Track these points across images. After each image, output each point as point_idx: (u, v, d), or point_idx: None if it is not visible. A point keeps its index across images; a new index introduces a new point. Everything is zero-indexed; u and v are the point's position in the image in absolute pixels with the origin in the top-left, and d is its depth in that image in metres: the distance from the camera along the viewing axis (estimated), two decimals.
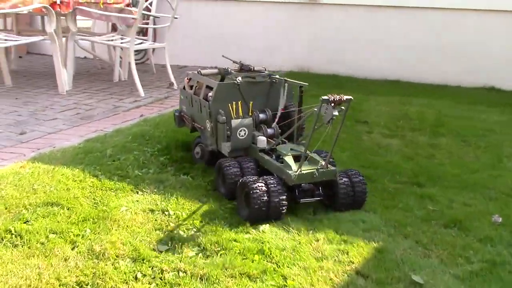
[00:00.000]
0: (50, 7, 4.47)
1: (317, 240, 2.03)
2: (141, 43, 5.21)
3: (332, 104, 1.93)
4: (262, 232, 2.07)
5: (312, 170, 2.18)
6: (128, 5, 5.18)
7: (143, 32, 6.30)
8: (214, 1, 6.60)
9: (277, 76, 2.64)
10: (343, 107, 1.99)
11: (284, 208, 2.13)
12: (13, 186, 2.29)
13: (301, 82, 2.46)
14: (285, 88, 2.59)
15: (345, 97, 1.95)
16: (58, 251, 1.78)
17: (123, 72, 5.52)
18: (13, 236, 1.87)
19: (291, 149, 2.34)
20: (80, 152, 2.84)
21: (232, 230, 2.06)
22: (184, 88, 2.84)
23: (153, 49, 6.51)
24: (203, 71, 2.76)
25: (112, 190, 2.36)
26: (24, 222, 1.96)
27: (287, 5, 6.34)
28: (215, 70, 2.76)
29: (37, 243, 1.82)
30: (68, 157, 2.76)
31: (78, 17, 5.70)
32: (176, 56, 6.59)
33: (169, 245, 1.92)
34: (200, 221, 2.11)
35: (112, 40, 5.00)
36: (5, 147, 3.05)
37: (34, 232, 1.87)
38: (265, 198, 2.08)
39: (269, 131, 2.58)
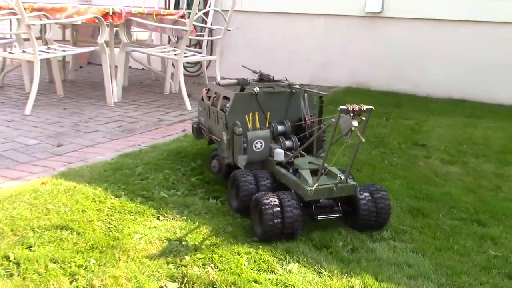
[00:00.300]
0: (102, 18, 4.43)
1: (352, 287, 1.74)
2: (193, 55, 5.09)
3: (352, 115, 1.80)
4: (288, 272, 1.80)
5: (330, 185, 2.04)
6: (182, 17, 5.09)
7: (200, 44, 6.21)
8: (275, 14, 6.40)
9: (297, 86, 2.53)
10: (363, 118, 1.85)
11: (299, 225, 2.00)
12: (27, 205, 2.15)
13: (322, 92, 2.37)
14: (305, 99, 2.49)
15: (366, 107, 1.81)
16: (53, 284, 1.59)
17: (174, 85, 5.43)
18: (11, 263, 1.70)
19: (309, 163, 2.23)
20: (109, 169, 2.70)
21: (254, 268, 1.81)
22: (202, 99, 2.75)
23: (209, 62, 6.43)
24: (221, 82, 2.67)
25: (132, 214, 2.18)
26: (27, 248, 1.80)
27: (347, 18, 6.05)
28: (234, 81, 2.67)
29: (33, 274, 1.65)
30: (95, 173, 2.61)
31: (137, 29, 5.71)
32: (232, 70, 6.45)
33: (180, 283, 1.69)
34: (220, 256, 1.87)
35: (162, 52, 4.90)
36: (37, 160, 2.96)
37: (33, 260, 1.70)
38: (279, 214, 1.95)
39: (288, 143, 2.47)
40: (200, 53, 5.71)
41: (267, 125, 2.49)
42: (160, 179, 2.59)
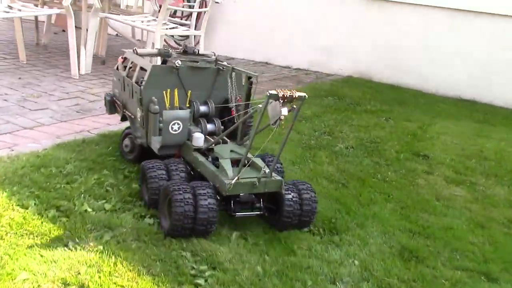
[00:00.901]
0: None
1: None
2: (175, 28, 4.50)
3: (282, 101, 1.60)
4: None
5: (252, 179, 1.81)
6: None
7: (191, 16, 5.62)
8: None
9: (225, 63, 2.27)
10: (295, 106, 1.65)
11: (213, 223, 1.76)
12: None
13: (251, 72, 2.09)
14: (233, 78, 2.22)
15: (298, 93, 1.62)
16: None
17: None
18: None
19: (232, 151, 2.00)
20: (32, 164, 2.16)
21: None
22: (117, 68, 2.41)
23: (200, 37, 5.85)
24: (139, 50, 2.34)
25: (32, 236, 1.65)
26: None
27: (353, 2, 5.43)
28: (155, 51, 2.41)
29: None
30: (10, 170, 2.08)
31: None
32: (226, 46, 5.87)
33: None
34: None
35: (138, 21, 4.32)
36: None
37: None
38: (191, 209, 1.72)
39: (209, 127, 2.23)
40: (187, 25, 5.13)
41: (188, 104, 2.21)
42: (91, 184, 2.06)
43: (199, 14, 5.19)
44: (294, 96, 1.61)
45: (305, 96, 1.63)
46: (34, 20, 5.47)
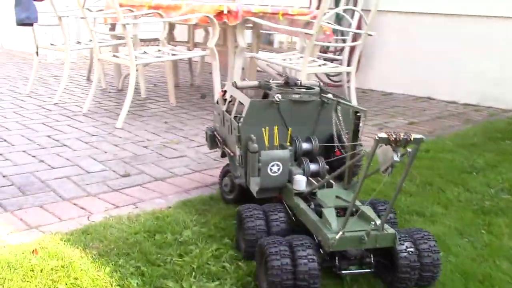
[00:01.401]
0: (213, 18, 3.74)
1: None
2: (323, 65, 4.16)
3: (393, 145, 1.36)
4: None
5: (360, 233, 1.57)
6: (314, 18, 4.19)
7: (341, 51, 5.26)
8: (439, 15, 5.15)
9: (330, 95, 2.04)
10: (409, 149, 1.40)
11: (315, 283, 1.53)
12: None
13: (359, 107, 1.85)
14: (338, 112, 1.99)
15: (414, 136, 1.36)
16: None
17: None
18: None
19: (337, 197, 1.78)
20: (147, 230, 1.93)
21: None
22: (217, 102, 2.31)
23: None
24: (239, 83, 2.23)
25: None
26: None
27: None
28: (256, 83, 2.25)
29: None
30: (122, 237, 1.87)
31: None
32: (383, 80, 5.39)
33: None
34: None
35: (285, 59, 4.06)
36: (85, 196, 2.32)
37: None
38: (288, 267, 1.52)
39: (313, 167, 2.02)
40: (338, 61, 4.77)
41: (289, 142, 2.03)
42: (207, 257, 1.75)
43: (352, 48, 4.79)
44: (409, 139, 1.36)
45: (422, 138, 1.38)
46: (188, 62, 5.58)
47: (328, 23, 4.47)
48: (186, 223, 2.01)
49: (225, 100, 2.22)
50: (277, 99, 1.97)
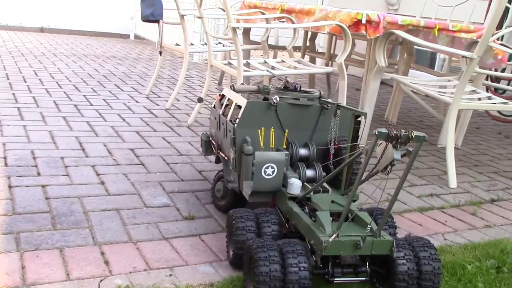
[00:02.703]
0: (346, 28, 3.04)
1: None
2: (488, 98, 3.19)
3: (394, 143, 1.30)
4: None
5: (355, 238, 1.47)
6: (480, 36, 3.25)
7: None
8: None
9: (330, 100, 2.00)
10: (410, 149, 1.31)
11: None
12: None
13: (360, 110, 1.84)
14: (337, 117, 1.98)
15: (415, 133, 1.29)
16: None
17: (459, 137, 3.62)
18: None
19: (333, 202, 1.71)
20: None
21: None
22: (214, 106, 2.24)
23: None
24: (237, 87, 2.14)
25: None
26: None
27: None
28: (254, 87, 2.15)
29: None
30: None
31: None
32: None
33: None
34: None
35: (435, 86, 3.18)
36: (123, 243, 1.81)
37: None
38: (278, 275, 1.43)
39: (309, 172, 1.93)
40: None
41: (285, 146, 1.98)
42: None
43: None
44: (410, 137, 1.28)
45: (424, 136, 1.30)
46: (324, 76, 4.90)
47: (503, 45, 3.49)
48: None
49: (222, 104, 2.17)
50: (275, 101, 1.91)
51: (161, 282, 1.59)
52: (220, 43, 4.48)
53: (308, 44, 4.66)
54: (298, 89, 2.03)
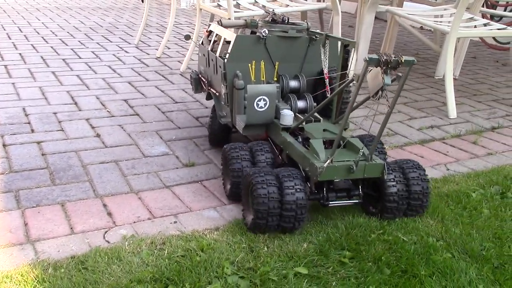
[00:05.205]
0: None
1: None
2: (486, 24, 3.11)
3: (383, 68, 1.29)
4: None
5: (348, 163, 1.52)
6: None
7: None
8: None
9: (318, 31, 1.97)
10: (400, 74, 1.32)
11: (302, 214, 1.50)
12: None
13: (349, 39, 1.82)
14: (326, 47, 1.91)
15: (405, 57, 1.30)
16: None
17: (457, 67, 3.56)
18: None
19: (325, 130, 1.76)
20: (156, 275, 1.33)
21: None
22: (202, 43, 2.22)
23: None
24: (224, 21, 2.13)
25: None
26: None
27: None
28: (242, 21, 2.16)
29: None
30: (114, 285, 1.28)
31: None
32: None
33: None
34: None
35: (435, 16, 3.09)
36: (124, 194, 1.79)
37: None
38: (275, 198, 1.48)
39: (300, 103, 1.96)
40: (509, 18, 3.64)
41: (275, 78, 2.00)
42: None
43: None
44: (400, 61, 1.29)
45: (413, 60, 1.32)
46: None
47: None
48: (222, 268, 1.36)
49: (210, 40, 2.15)
50: (264, 34, 1.91)
51: (166, 230, 1.58)
52: None
53: None
54: (286, 21, 2.00)
